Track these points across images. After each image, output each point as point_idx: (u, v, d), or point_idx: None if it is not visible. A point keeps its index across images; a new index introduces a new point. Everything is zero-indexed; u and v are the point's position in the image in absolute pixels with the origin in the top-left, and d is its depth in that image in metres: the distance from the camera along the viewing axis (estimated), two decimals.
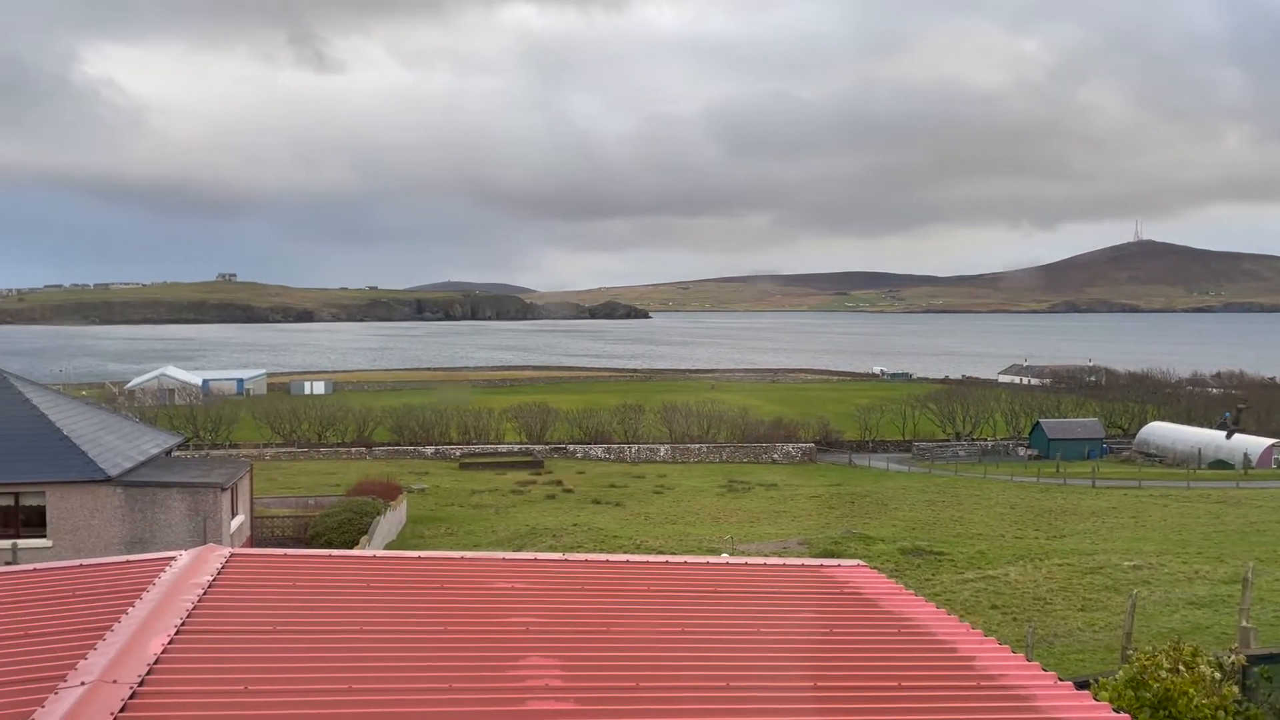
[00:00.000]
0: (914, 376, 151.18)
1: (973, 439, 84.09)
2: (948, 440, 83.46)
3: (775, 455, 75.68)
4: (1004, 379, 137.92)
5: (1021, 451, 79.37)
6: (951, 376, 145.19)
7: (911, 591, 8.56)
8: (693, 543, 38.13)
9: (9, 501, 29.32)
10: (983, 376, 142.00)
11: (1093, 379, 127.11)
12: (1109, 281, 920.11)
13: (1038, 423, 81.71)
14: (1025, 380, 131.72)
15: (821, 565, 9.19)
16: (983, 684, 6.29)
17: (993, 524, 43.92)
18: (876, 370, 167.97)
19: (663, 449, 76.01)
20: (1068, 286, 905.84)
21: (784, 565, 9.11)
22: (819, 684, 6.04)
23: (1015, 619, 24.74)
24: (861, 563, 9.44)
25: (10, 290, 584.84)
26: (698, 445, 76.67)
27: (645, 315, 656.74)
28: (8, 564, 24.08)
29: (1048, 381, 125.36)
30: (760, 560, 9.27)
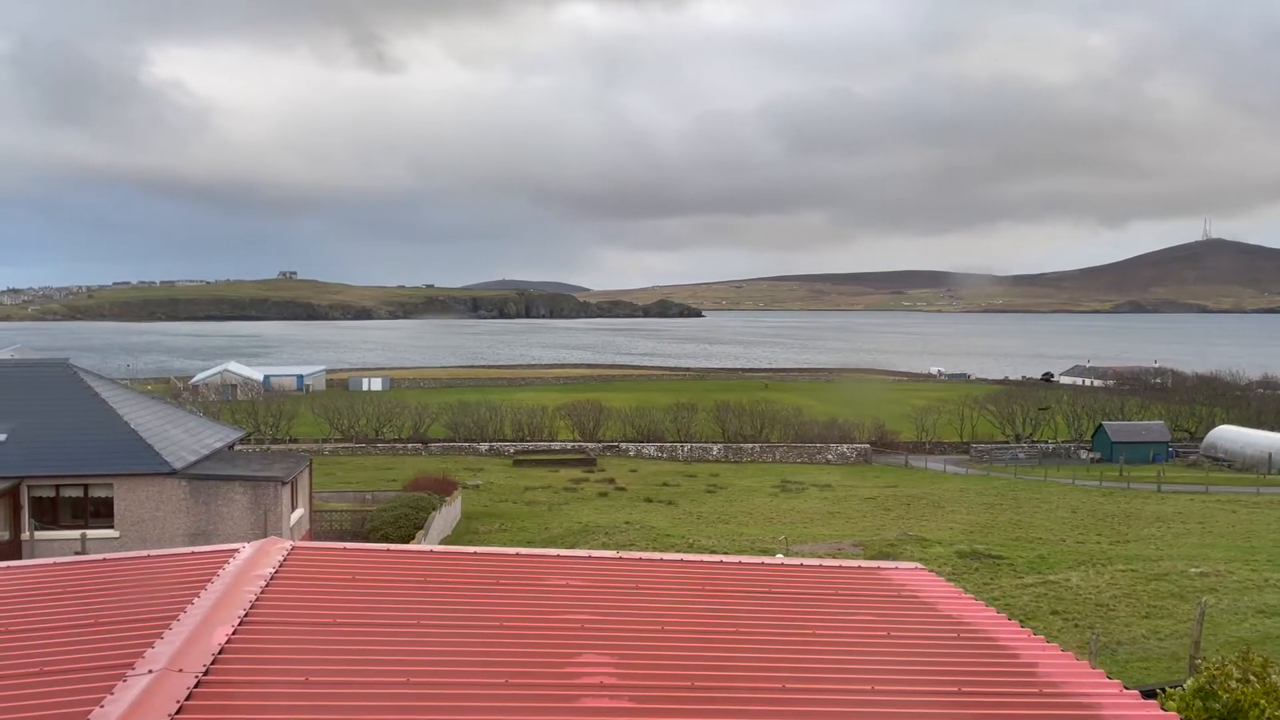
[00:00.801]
0: (972, 377, 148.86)
1: (1033, 441, 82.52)
2: (1007, 442, 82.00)
3: (829, 456, 75.02)
4: (1065, 380, 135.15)
5: (1083, 454, 77.71)
6: (1011, 377, 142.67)
7: (971, 595, 8.41)
8: (746, 543, 37.96)
9: (78, 493, 30.22)
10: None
11: (1158, 381, 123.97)
12: (1176, 281, 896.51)
13: (1101, 425, 79.91)
14: (1088, 382, 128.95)
15: (878, 567, 9.07)
16: (1045, 691, 6.16)
17: (1053, 528, 43.07)
18: (933, 370, 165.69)
19: (715, 448, 75.78)
20: (1133, 286, 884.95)
21: (840, 567, 9.01)
22: (876, 687, 5.95)
23: (1077, 625, 24.23)
24: (919, 565, 9.30)
25: (81, 287, 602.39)
26: (751, 445, 76.30)
27: (699, 314, 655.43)
28: (77, 554, 24.82)
29: (1111, 383, 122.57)
30: (815, 561, 9.18)
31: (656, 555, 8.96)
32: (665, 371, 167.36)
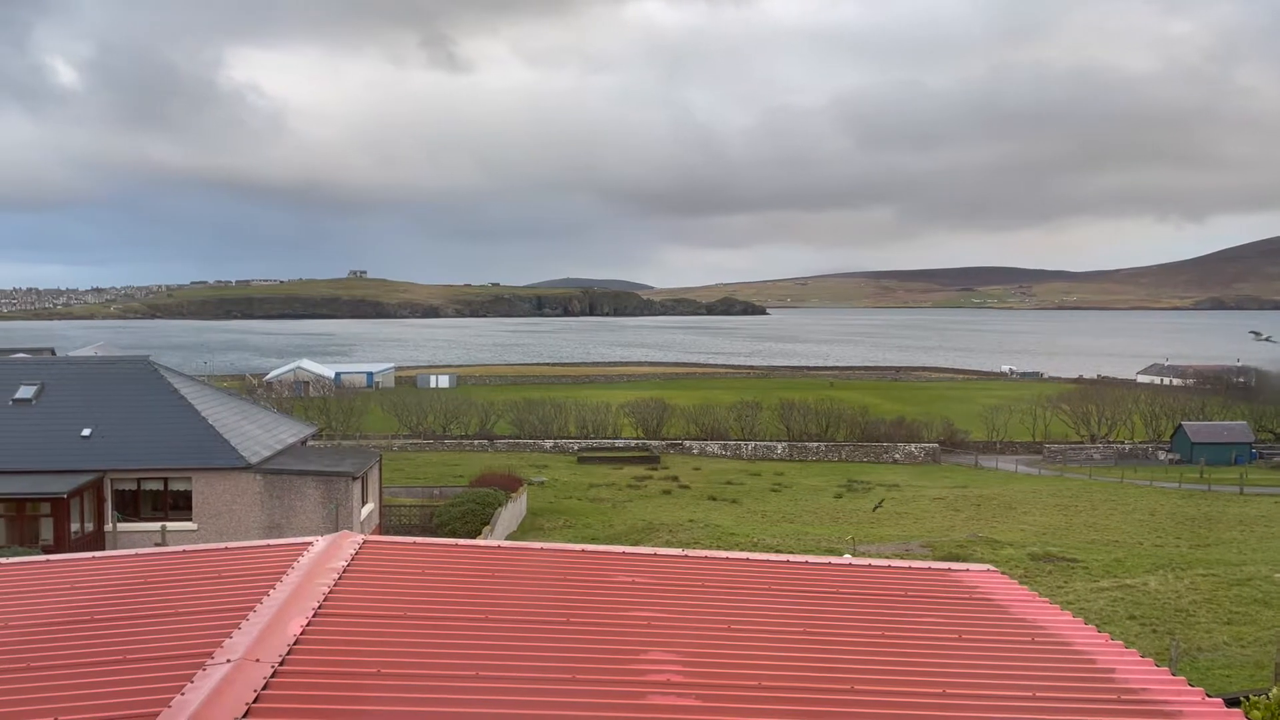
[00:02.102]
0: (1045, 376, 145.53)
1: (1109, 442, 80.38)
2: (1081, 443, 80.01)
3: (896, 455, 74.02)
4: (1143, 379, 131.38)
5: (1162, 455, 75.46)
6: (1086, 376, 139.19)
7: (1045, 599, 8.22)
8: (811, 542, 37.66)
9: (159, 486, 31.20)
10: (1120, 376, 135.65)
11: (1241, 380, 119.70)
12: (1260, 277, 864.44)
13: (1180, 425, 77.48)
14: (1166, 380, 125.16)
15: (948, 569, 8.92)
16: (1124, 697, 5.99)
17: (1130, 531, 41.92)
18: (1005, 369, 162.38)
19: (780, 447, 75.28)
20: (1214, 282, 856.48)
21: (909, 568, 8.87)
22: (948, 691, 5.85)
23: (1155, 631, 23.56)
24: (990, 567, 9.12)
25: (160, 286, 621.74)
26: (816, 444, 75.65)
27: (763, 311, 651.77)
28: (158, 545, 25.63)
29: (1191, 382, 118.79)
30: (884, 562, 9.06)
31: (722, 553, 8.93)
32: (729, 370, 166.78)
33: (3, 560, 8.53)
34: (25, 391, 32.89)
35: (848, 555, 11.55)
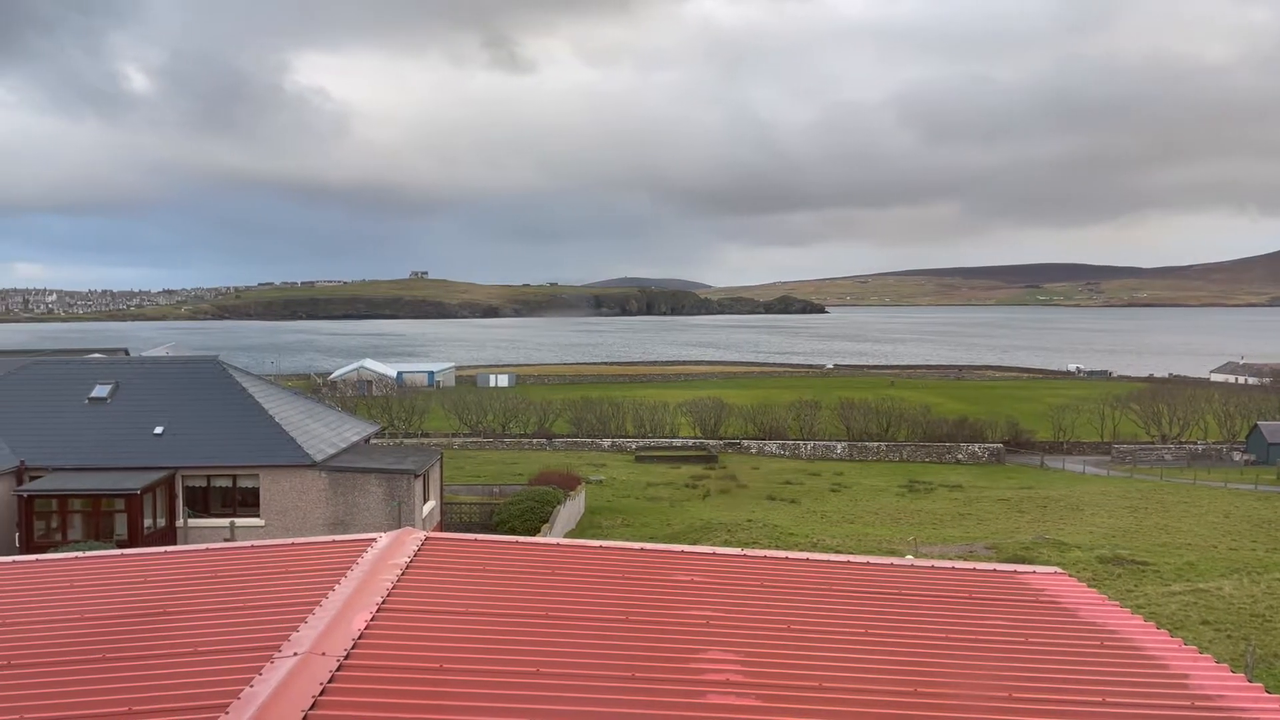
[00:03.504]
0: (1113, 374, 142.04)
1: (1180, 442, 78.16)
2: (1152, 443, 77.91)
3: (959, 455, 72.84)
4: (1217, 378, 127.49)
5: (1237, 456, 73.15)
6: (1157, 374, 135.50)
7: (1115, 602, 8.02)
8: (872, 543, 37.24)
9: (227, 483, 31.97)
10: (1193, 375, 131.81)
11: None
12: None
13: (1256, 425, 75.00)
14: (1241, 379, 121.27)
15: (1014, 571, 8.74)
16: (1198, 704, 5.81)
17: (1204, 533, 40.72)
18: (1072, 368, 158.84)
19: (839, 446, 74.57)
20: None
21: (973, 570, 8.71)
22: (1014, 694, 5.74)
23: (1230, 636, 22.85)
24: (1058, 569, 8.92)
25: (229, 288, 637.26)
26: (876, 443, 74.77)
27: (822, 310, 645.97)
28: (227, 540, 26.26)
29: (1268, 381, 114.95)
30: (947, 564, 8.91)
31: (781, 553, 8.86)
32: (787, 368, 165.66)
33: (80, 554, 8.82)
34: (100, 391, 33.95)
35: (909, 557, 11.39)
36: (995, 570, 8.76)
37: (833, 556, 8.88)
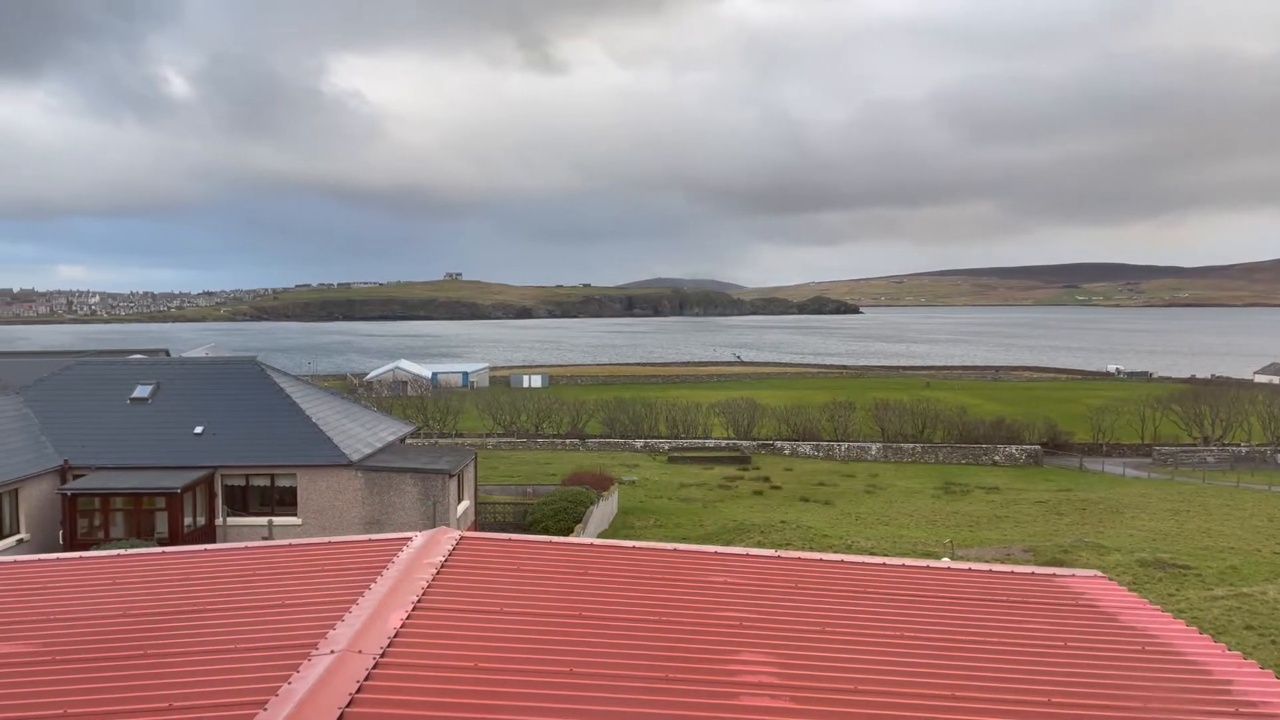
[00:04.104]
0: (1154, 375, 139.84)
1: (1223, 444, 76.76)
2: (1194, 445, 76.58)
3: (996, 457, 72.05)
4: (1260, 379, 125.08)
5: None
6: (1199, 375, 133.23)
7: (1156, 607, 7.89)
8: (907, 545, 36.94)
9: (265, 482, 32.35)
10: (1235, 376, 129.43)
11: None
12: None
13: None
14: None
15: (1053, 574, 8.63)
16: (1242, 711, 5.71)
17: (1248, 537, 39.96)
18: (1111, 368, 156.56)
19: (874, 448, 74.04)
20: None
21: (1011, 573, 8.62)
22: (1053, 699, 5.66)
23: (1275, 642, 22.41)
24: (1098, 573, 8.80)
25: (267, 289, 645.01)
26: (911, 445, 74.15)
27: (856, 310, 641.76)
28: (265, 539, 26.57)
29: None
30: (984, 567, 8.82)
31: (815, 555, 8.82)
32: (821, 369, 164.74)
33: (122, 552, 8.97)
34: (142, 391, 34.49)
35: (946, 559, 11.28)
36: (1033, 573, 8.66)
37: (868, 559, 8.81)
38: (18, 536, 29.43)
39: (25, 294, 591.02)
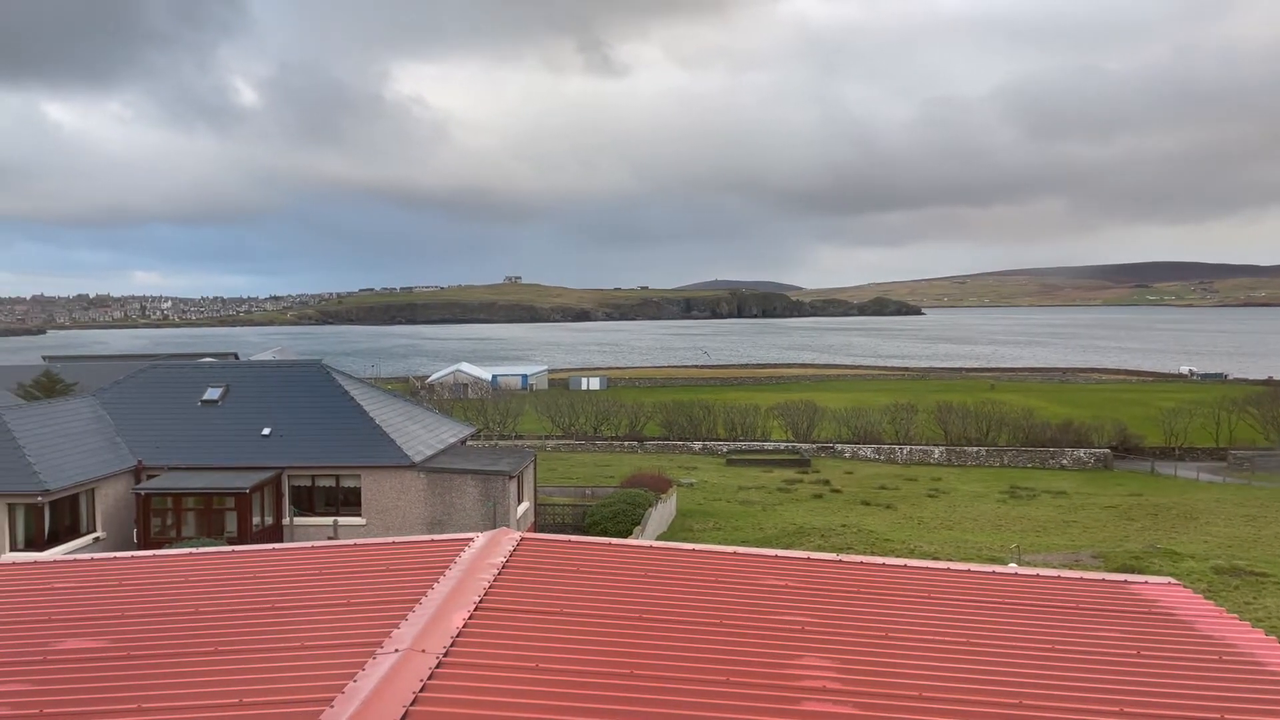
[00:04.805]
0: (1229, 377, 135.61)
1: None
2: (1271, 449, 74.01)
3: (1064, 461, 70.47)
4: None
5: None
6: (1277, 377, 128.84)
7: (1234, 615, 7.64)
8: (972, 550, 36.32)
9: (331, 483, 32.96)
10: None
11: None
12: None
13: None
14: None
15: (1125, 581, 8.41)
16: None
17: None
18: (1184, 370, 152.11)
19: (937, 451, 72.92)
20: None
21: (1081, 579, 8.41)
22: (1125, 710, 5.51)
23: None
24: (1171, 580, 8.55)
25: (332, 293, 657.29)
26: (975, 448, 72.88)
27: (918, 312, 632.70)
28: (330, 539, 27.06)
29: None
30: (1052, 572, 8.62)
31: (878, 559, 8.70)
32: (882, 371, 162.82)
33: (193, 550, 9.20)
34: (212, 393, 35.39)
35: (1012, 565, 11.06)
36: (1104, 580, 8.44)
37: (931, 563, 8.68)
38: (94, 535, 30.40)
39: (102, 299, 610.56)
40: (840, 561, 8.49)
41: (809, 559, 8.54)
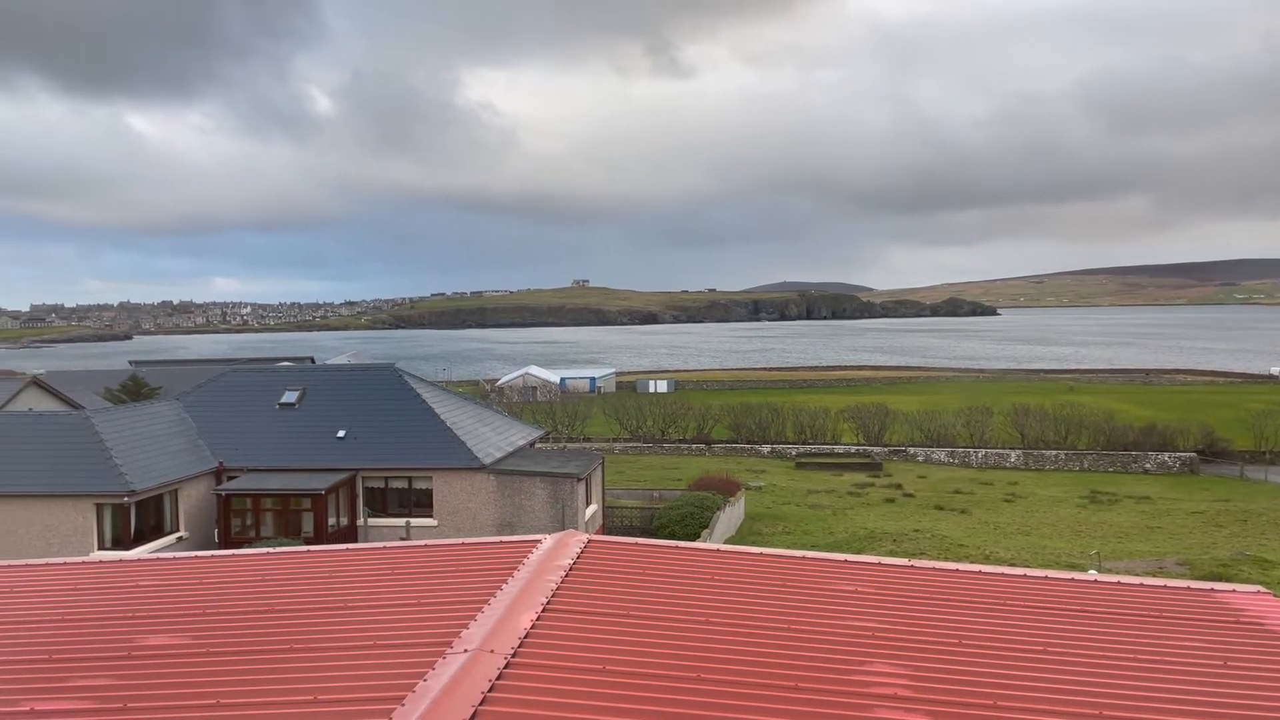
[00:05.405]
0: None
1: None
2: None
3: (1147, 465, 68.33)
4: None
5: None
6: None
7: None
8: (1050, 556, 35.43)
9: (403, 484, 33.52)
10: None
11: None
12: None
13: None
14: None
15: (1211, 589, 8.10)
16: None
17: None
18: (1275, 371, 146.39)
19: (1013, 454, 71.30)
20: None
21: (1164, 587, 8.13)
22: None
23: None
24: (1261, 588, 8.22)
25: (404, 298, 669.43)
26: (1054, 451, 71.09)
27: (993, 312, 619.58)
28: (402, 539, 27.52)
29: None
30: (1134, 580, 8.35)
31: (951, 565, 8.53)
32: (955, 373, 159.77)
33: (271, 550, 9.43)
34: (289, 396, 36.27)
35: (1092, 571, 10.75)
36: (1189, 588, 8.15)
37: (1007, 570, 8.47)
38: (178, 534, 31.37)
39: (184, 305, 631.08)
40: (912, 567, 8.35)
41: (879, 564, 8.41)
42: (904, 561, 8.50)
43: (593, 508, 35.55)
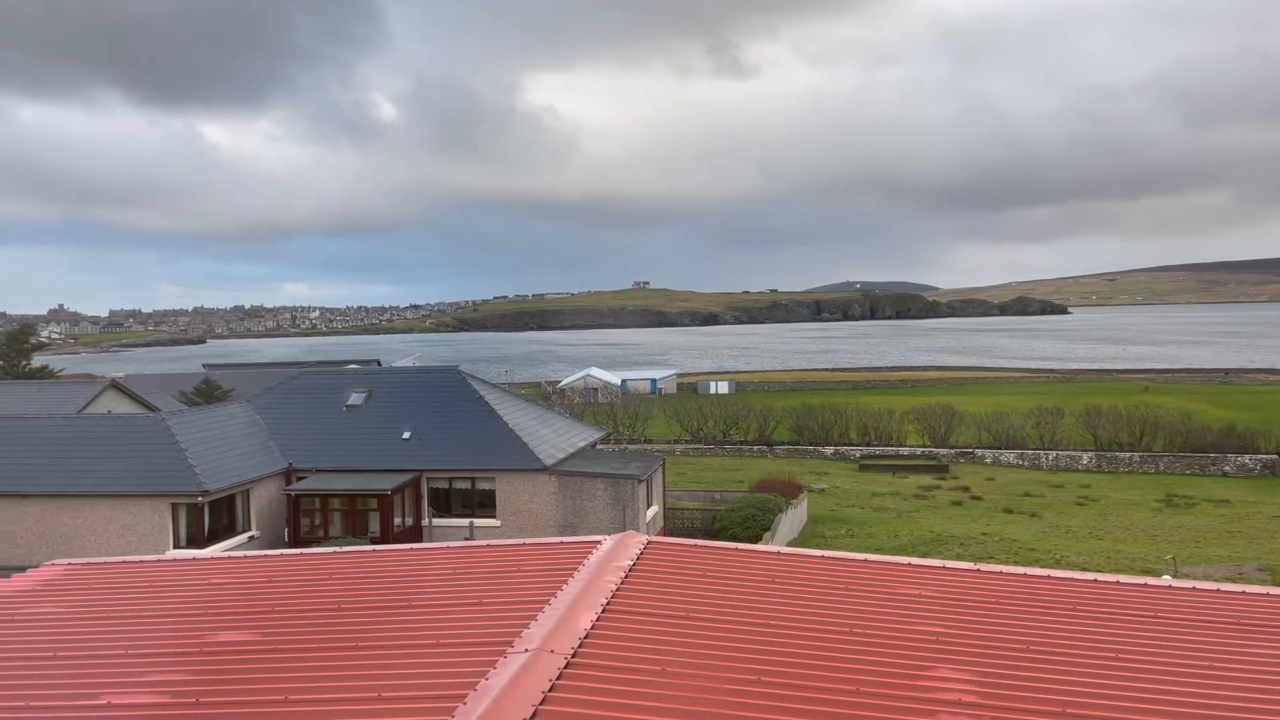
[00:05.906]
0: None
1: None
2: None
3: (1227, 467, 66.16)
4: None
5: None
6: None
7: None
8: (1124, 561, 34.51)
9: (467, 485, 33.93)
10: None
11: None
12: None
13: None
14: None
15: None
16: None
17: None
18: None
19: (1085, 457, 69.59)
20: None
21: (1244, 593, 7.86)
22: None
23: None
24: None
25: (468, 301, 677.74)
26: (1127, 454, 69.21)
27: (1063, 311, 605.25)
28: (466, 539, 27.84)
29: None
30: (1212, 586, 8.09)
31: (1020, 569, 8.35)
32: (1024, 373, 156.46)
33: (339, 549, 9.61)
34: (356, 398, 36.96)
35: (1167, 577, 10.44)
36: (1270, 594, 7.86)
37: (1078, 574, 8.27)
38: (249, 533, 32.15)
39: (255, 310, 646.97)
40: (979, 571, 8.19)
41: (945, 568, 8.26)
42: (970, 565, 8.35)
43: (654, 509, 35.58)
